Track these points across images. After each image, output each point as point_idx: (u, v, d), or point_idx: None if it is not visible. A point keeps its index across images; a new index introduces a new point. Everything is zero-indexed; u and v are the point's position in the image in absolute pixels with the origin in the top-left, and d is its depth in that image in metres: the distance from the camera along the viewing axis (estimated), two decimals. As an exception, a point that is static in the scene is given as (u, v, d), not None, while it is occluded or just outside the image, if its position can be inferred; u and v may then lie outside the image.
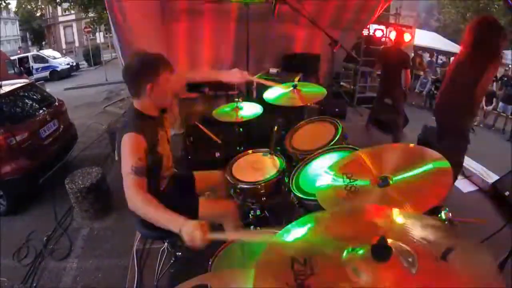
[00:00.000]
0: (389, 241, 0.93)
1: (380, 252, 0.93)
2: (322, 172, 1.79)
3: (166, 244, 2.79)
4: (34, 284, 3.41)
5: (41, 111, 5.29)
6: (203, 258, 2.15)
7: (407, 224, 1.10)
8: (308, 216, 1.21)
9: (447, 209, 1.92)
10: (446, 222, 1.86)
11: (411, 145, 1.83)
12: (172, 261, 2.75)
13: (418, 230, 1.06)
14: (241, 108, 2.94)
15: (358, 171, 1.68)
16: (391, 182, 1.54)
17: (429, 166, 1.53)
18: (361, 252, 0.98)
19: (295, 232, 1.14)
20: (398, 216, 1.15)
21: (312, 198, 1.90)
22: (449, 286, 0.88)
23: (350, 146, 2.33)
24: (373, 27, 7.77)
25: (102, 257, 3.70)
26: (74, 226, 4.28)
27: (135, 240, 3.30)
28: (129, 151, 1.82)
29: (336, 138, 2.44)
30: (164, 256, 2.97)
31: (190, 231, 1.55)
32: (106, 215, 4.36)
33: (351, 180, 1.62)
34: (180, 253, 2.72)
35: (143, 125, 1.94)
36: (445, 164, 1.50)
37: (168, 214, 1.64)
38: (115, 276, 3.36)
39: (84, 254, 3.78)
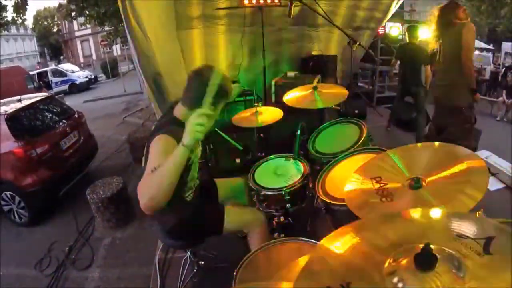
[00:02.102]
0: (433, 247, 0.86)
1: (425, 261, 0.86)
2: (349, 177, 1.70)
3: (188, 253, 2.74)
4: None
5: (61, 123, 5.36)
6: (226, 267, 2.10)
7: (442, 222, 1.05)
8: (339, 230, 1.13)
9: (481, 209, 1.83)
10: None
11: (441, 144, 1.73)
12: (195, 270, 2.70)
13: (453, 227, 0.99)
14: (260, 113, 2.88)
15: (387, 173, 1.60)
16: (424, 183, 1.46)
17: (463, 165, 1.44)
18: (403, 262, 0.91)
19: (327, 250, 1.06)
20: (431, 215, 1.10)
21: (341, 203, 1.82)
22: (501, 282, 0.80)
23: (377, 147, 2.24)
24: (388, 25, 7.63)
25: (124, 266, 3.68)
26: (96, 236, 4.29)
27: (157, 250, 3.26)
28: (157, 152, 1.69)
29: (362, 140, 2.35)
30: (187, 265, 2.91)
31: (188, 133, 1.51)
32: (127, 224, 4.36)
33: (381, 185, 1.54)
34: (202, 263, 2.68)
35: (179, 131, 1.76)
36: (479, 162, 1.41)
37: (169, 157, 1.53)
38: (137, 285, 3.33)
39: (106, 264, 3.78)
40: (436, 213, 1.12)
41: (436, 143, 1.74)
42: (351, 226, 1.14)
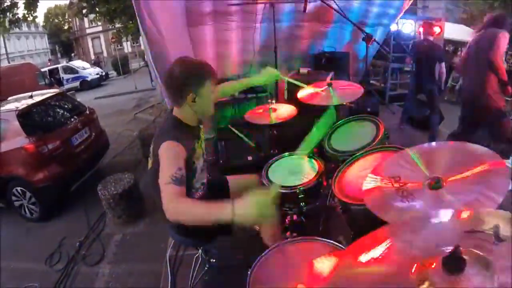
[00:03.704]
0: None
1: (453, 264, 0.82)
2: (367, 175, 1.65)
3: (200, 251, 2.71)
4: (66, 289, 3.42)
5: (72, 119, 5.38)
6: (238, 266, 2.06)
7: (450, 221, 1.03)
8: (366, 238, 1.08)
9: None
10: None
11: (461, 143, 1.67)
12: (206, 268, 2.66)
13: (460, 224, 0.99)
14: (274, 110, 2.83)
15: (406, 172, 1.54)
16: (444, 184, 1.40)
17: (484, 166, 1.38)
18: (430, 266, 0.87)
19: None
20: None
21: (358, 203, 1.77)
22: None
23: (394, 145, 2.18)
24: (401, 21, 7.52)
25: (134, 262, 3.68)
26: (107, 231, 4.30)
27: (168, 247, 3.25)
28: (169, 160, 1.70)
29: (379, 137, 2.29)
30: (198, 263, 2.89)
31: (245, 209, 1.42)
32: (138, 220, 4.36)
33: (401, 184, 1.48)
34: (214, 260, 2.64)
35: (182, 134, 1.85)
36: (500, 164, 1.35)
37: (215, 206, 1.49)
38: (148, 282, 3.32)
39: (117, 260, 3.78)
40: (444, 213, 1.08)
41: (456, 142, 1.68)
42: (375, 233, 1.09)
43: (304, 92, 2.69)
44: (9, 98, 5.72)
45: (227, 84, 2.46)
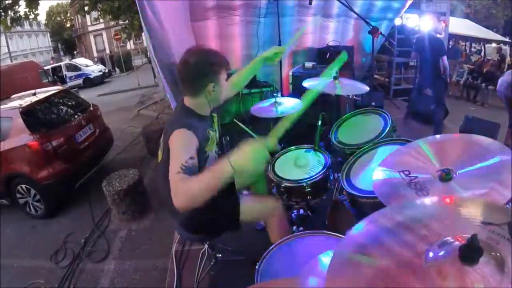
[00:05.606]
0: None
1: (470, 253, 0.78)
2: (376, 168, 1.62)
3: (206, 246, 2.70)
4: (72, 286, 3.41)
5: (76, 116, 5.37)
6: (244, 261, 2.04)
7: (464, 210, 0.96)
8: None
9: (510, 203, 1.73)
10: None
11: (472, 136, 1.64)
12: (212, 263, 2.65)
13: (474, 214, 0.93)
14: (280, 103, 2.80)
15: (416, 164, 1.52)
16: (455, 176, 1.38)
17: (495, 159, 1.36)
18: (443, 253, 0.83)
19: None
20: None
21: (369, 196, 1.74)
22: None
23: (402, 138, 2.15)
24: (405, 15, 7.47)
25: (140, 258, 3.67)
26: (112, 228, 4.29)
27: (174, 242, 3.23)
28: (180, 148, 1.65)
29: (387, 130, 2.26)
30: (204, 258, 2.88)
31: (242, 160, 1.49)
32: (143, 216, 4.35)
33: (412, 178, 1.45)
34: (220, 255, 2.63)
35: (195, 123, 1.80)
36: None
37: (215, 169, 1.53)
38: (153, 278, 3.32)
39: (122, 256, 3.77)
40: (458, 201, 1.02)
41: (466, 135, 1.65)
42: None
43: (310, 83, 2.66)
44: (13, 96, 5.72)
45: (236, 75, 2.41)
